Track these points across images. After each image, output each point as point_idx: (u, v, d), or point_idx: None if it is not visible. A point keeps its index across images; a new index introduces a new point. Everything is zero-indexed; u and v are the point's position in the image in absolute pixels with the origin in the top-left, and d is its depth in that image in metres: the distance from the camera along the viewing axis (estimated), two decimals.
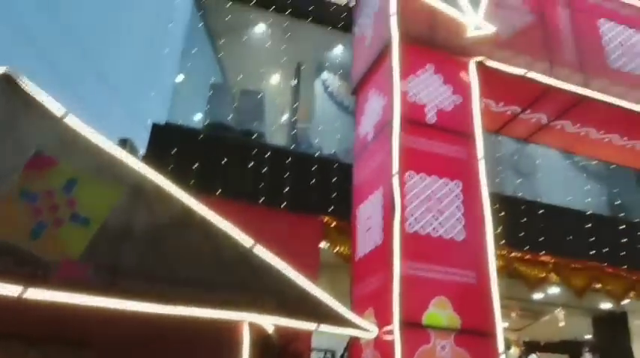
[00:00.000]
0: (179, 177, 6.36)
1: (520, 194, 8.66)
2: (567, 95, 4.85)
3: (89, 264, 2.90)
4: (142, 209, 3.22)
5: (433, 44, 4.51)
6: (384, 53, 4.48)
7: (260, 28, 8.98)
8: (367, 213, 4.38)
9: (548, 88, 4.79)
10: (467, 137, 4.33)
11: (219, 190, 6.55)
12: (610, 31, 5.25)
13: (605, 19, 5.28)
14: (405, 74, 4.28)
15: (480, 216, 4.05)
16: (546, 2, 5.07)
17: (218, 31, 8.95)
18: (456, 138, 4.30)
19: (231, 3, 8.08)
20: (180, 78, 8.34)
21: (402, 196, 3.89)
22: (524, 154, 9.37)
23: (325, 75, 9.87)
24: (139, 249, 3.10)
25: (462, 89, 4.45)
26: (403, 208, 3.85)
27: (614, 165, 8.19)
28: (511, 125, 5.29)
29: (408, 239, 3.75)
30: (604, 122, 5.14)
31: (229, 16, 8.25)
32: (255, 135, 8.16)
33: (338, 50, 9.55)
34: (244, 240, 3.31)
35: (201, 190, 6.11)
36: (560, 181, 9.26)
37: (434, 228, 3.87)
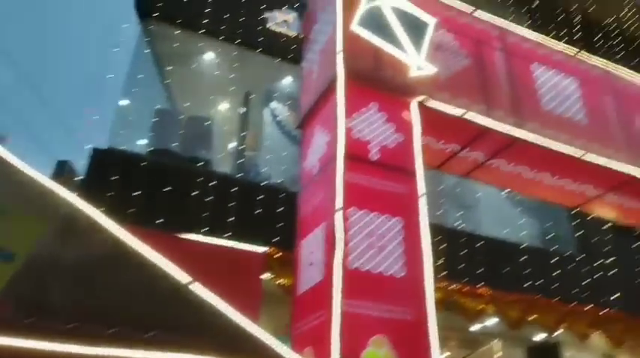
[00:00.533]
0: (119, 204, 6.16)
1: (461, 226, 8.93)
2: (502, 136, 5.09)
3: (9, 301, 2.73)
4: (71, 243, 3.08)
5: (377, 83, 4.64)
6: (329, 90, 4.57)
7: (209, 56, 8.96)
8: (310, 247, 4.37)
9: (485, 129, 5.02)
10: (409, 174, 4.44)
11: (161, 219, 6.37)
12: (542, 75, 5.59)
13: (537, 63, 5.63)
14: (349, 111, 4.36)
15: (420, 253, 4.12)
16: (483, 47, 5.35)
17: (166, 58, 8.86)
18: (399, 175, 4.40)
19: (179, 31, 8.04)
20: (124, 103, 8.15)
21: (345, 232, 3.91)
22: (465, 187, 9.70)
23: (274, 104, 9.93)
24: (67, 285, 2.94)
25: (404, 127, 4.58)
26: (345, 244, 3.86)
27: None
28: (451, 162, 5.47)
29: (350, 276, 3.75)
30: (536, 162, 5.42)
31: (177, 44, 8.19)
32: (202, 163, 8.04)
33: (287, 81, 9.66)
34: (181, 276, 3.21)
35: (142, 218, 5.95)
36: (498, 214, 9.64)
37: (375, 265, 3.90)
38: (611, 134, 5.57)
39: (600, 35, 9.13)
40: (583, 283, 8.32)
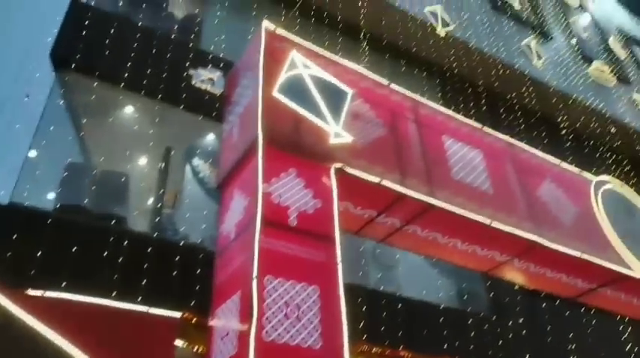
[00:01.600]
0: (20, 265, 5.62)
1: (381, 288, 9.00)
2: (416, 203, 5.28)
3: None
4: None
5: (296, 149, 4.70)
6: (249, 154, 4.56)
7: (128, 110, 8.72)
8: (225, 317, 4.19)
9: (400, 196, 5.19)
10: (327, 241, 4.44)
11: (65, 282, 5.88)
12: (452, 146, 5.95)
13: (447, 135, 5.99)
14: (268, 176, 4.36)
15: (337, 322, 4.06)
16: (397, 117, 5.63)
17: (81, 110, 8.49)
18: (317, 241, 4.39)
19: (97, 83, 7.79)
20: (33, 155, 7.65)
21: (261, 301, 3.79)
22: (385, 248, 9.89)
23: (196, 161, 9.75)
24: None
25: (322, 193, 4.62)
26: (261, 315, 3.73)
27: None
28: (369, 227, 5.57)
29: (265, 349, 3.61)
30: (448, 229, 5.65)
31: (95, 96, 7.91)
32: (115, 221, 7.62)
33: (210, 138, 9.56)
34: (76, 354, 2.94)
35: (45, 281, 5.45)
36: (417, 276, 9.85)
37: (291, 336, 3.79)
38: (515, 203, 5.96)
39: (503, 109, 9.97)
40: (496, 343, 8.57)
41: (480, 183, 5.80)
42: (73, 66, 7.63)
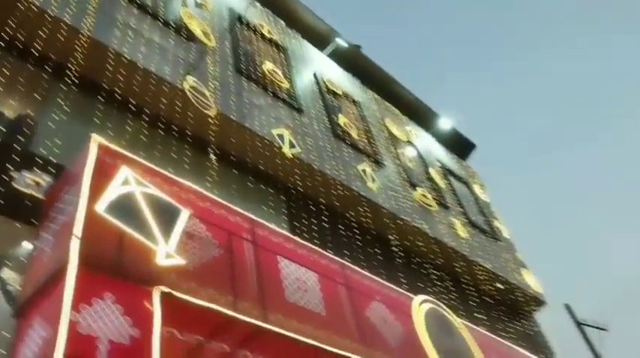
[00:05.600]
0: None
1: None
2: (247, 327, 5.08)
3: None
4: None
5: (118, 272, 4.30)
6: (57, 277, 4.04)
7: None
8: None
9: (231, 320, 4.95)
10: None
11: None
12: (287, 267, 5.99)
13: (283, 256, 6.04)
14: (77, 302, 3.86)
15: None
16: (234, 237, 5.57)
17: None
18: None
19: None
20: None
21: None
22: None
23: (7, 273, 8.44)
24: None
25: (142, 320, 4.20)
26: None
27: None
28: (197, 354, 5.16)
29: None
30: (281, 353, 5.46)
31: None
32: None
33: (27, 246, 8.44)
34: None
35: None
36: None
37: None
38: (347, 325, 6.06)
39: (343, 226, 10.54)
40: None
41: (313, 306, 5.83)
42: None
